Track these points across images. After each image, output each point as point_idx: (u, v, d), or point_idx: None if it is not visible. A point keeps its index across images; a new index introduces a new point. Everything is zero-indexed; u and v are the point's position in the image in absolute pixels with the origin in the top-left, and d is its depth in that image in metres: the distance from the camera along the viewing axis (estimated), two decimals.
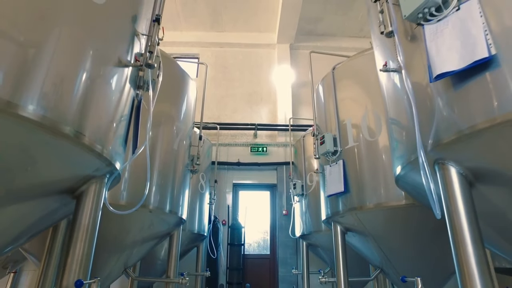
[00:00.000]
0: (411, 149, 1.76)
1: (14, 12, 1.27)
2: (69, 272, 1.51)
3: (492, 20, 1.34)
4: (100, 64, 1.67)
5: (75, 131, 1.48)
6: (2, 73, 1.21)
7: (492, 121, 1.29)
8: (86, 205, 1.65)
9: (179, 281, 3.42)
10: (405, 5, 1.64)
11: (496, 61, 1.30)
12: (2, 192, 1.45)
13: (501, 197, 1.47)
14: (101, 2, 1.65)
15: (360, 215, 3.17)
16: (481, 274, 1.29)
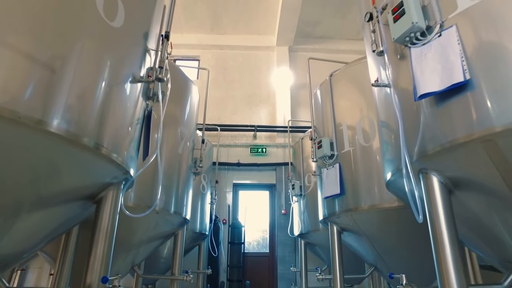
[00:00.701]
0: (400, 157, 1.94)
1: (37, 45, 1.44)
2: (92, 270, 1.69)
3: (468, 48, 1.52)
4: (116, 81, 1.83)
5: (94, 143, 1.65)
6: (31, 94, 1.37)
7: (469, 137, 1.46)
8: (105, 209, 1.83)
9: (183, 278, 3.60)
10: (394, 29, 1.81)
11: (470, 84, 1.47)
12: (32, 199, 1.62)
13: (476, 204, 1.66)
14: (118, 26, 1.82)
15: (355, 216, 3.35)
16: (456, 269, 1.47)
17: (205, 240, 6.01)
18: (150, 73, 2.16)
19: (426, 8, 1.76)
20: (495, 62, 1.41)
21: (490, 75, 1.41)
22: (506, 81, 1.35)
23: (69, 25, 1.55)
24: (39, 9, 1.44)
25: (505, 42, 1.41)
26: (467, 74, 1.47)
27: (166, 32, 2.30)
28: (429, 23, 1.71)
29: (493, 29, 1.46)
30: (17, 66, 1.32)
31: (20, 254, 1.77)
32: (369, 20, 2.14)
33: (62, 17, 1.52)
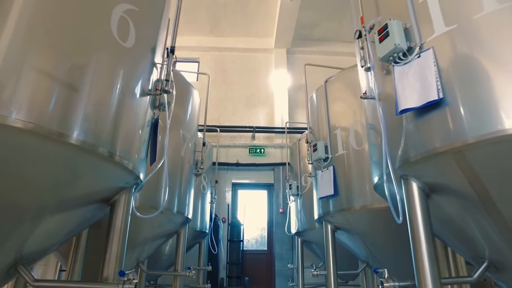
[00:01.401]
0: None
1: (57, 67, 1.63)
2: (108, 265, 1.89)
3: (442, 69, 1.72)
4: (127, 95, 2.02)
5: (108, 151, 1.83)
6: (53, 110, 1.55)
7: (441, 148, 1.67)
8: (119, 211, 2.02)
9: (186, 274, 3.81)
10: (379, 48, 2.01)
11: (443, 102, 1.67)
12: (54, 203, 1.81)
13: (451, 206, 1.86)
14: (129, 46, 2.01)
15: (348, 216, 3.57)
16: (430, 263, 1.69)
17: (205, 238, 6.22)
18: (158, 86, 2.35)
19: (408, 30, 1.96)
20: (464, 83, 1.62)
21: (459, 95, 1.62)
22: (472, 102, 1.56)
23: (86, 48, 1.74)
24: (60, 35, 1.62)
25: (474, 66, 1.61)
26: (441, 93, 1.67)
27: (171, 47, 2.49)
28: (410, 45, 1.91)
29: (463, 53, 1.67)
30: (40, 85, 1.50)
31: (44, 251, 1.97)
32: (358, 38, 2.34)
33: (79, 40, 1.71)
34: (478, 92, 1.56)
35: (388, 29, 1.96)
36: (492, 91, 1.51)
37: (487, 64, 1.57)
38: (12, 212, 1.66)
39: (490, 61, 1.57)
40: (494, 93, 1.50)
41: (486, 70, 1.56)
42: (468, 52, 1.65)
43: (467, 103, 1.58)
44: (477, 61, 1.61)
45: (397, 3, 2.08)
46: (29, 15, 1.52)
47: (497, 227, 1.72)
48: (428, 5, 1.89)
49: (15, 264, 1.77)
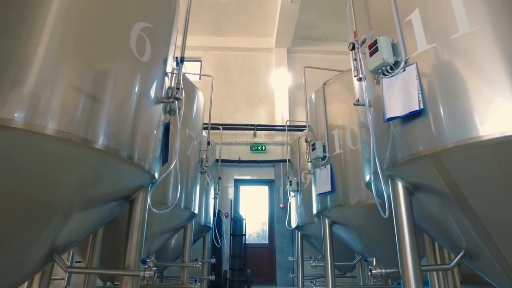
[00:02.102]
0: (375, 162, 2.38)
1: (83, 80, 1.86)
2: (129, 254, 2.15)
3: (423, 82, 1.96)
4: (143, 104, 2.25)
5: (128, 154, 2.08)
6: (80, 119, 1.79)
7: (422, 153, 1.91)
8: (138, 207, 2.27)
9: (193, 265, 4.08)
10: (370, 62, 2.24)
11: (423, 112, 1.91)
12: (81, 201, 2.06)
13: (431, 203, 2.11)
14: (145, 60, 2.24)
15: (344, 211, 3.82)
16: (412, 252, 1.94)
17: (209, 232, 6.49)
18: (169, 92, 2.59)
19: (395, 45, 2.19)
20: (441, 96, 1.85)
21: (436, 107, 1.85)
22: (446, 113, 1.80)
23: (109, 64, 1.97)
24: (85, 53, 1.86)
25: (450, 80, 1.84)
26: (421, 104, 1.90)
27: (181, 57, 2.73)
28: (397, 59, 2.14)
29: (441, 69, 1.90)
30: (69, 97, 1.74)
31: (73, 243, 2.22)
32: (352, 49, 2.57)
33: (103, 57, 1.95)
34: (452, 104, 1.80)
35: (377, 45, 2.19)
36: (463, 104, 1.74)
37: (461, 79, 1.80)
38: (46, 210, 1.91)
39: (464, 76, 1.80)
40: (464, 106, 1.74)
41: (460, 85, 1.80)
42: (446, 68, 1.89)
43: (442, 114, 1.82)
44: (453, 76, 1.85)
45: (386, 20, 2.31)
46: (58, 37, 1.76)
47: (470, 222, 1.97)
48: (413, 24, 2.12)
49: (51, 253, 2.02)
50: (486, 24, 1.81)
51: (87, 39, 1.89)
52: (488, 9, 1.84)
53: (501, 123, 1.63)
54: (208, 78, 8.51)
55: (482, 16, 1.84)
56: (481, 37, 1.80)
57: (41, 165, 1.74)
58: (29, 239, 1.91)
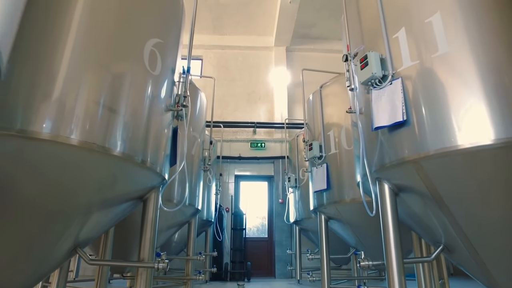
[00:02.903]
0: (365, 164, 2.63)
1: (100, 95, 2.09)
2: (144, 248, 2.40)
3: (407, 95, 2.19)
4: (154, 113, 2.48)
5: (141, 159, 2.31)
6: (99, 128, 2.01)
7: (405, 159, 2.15)
8: (150, 206, 2.52)
9: (197, 258, 4.34)
10: (360, 74, 2.47)
11: (407, 122, 2.15)
12: (100, 201, 2.29)
13: (414, 203, 2.35)
14: (156, 73, 2.47)
15: (339, 207, 4.08)
16: (395, 246, 2.19)
17: (211, 227, 6.76)
18: (177, 100, 2.81)
19: (384, 60, 2.41)
20: (421, 110, 2.09)
21: (417, 118, 2.09)
22: (425, 124, 2.03)
23: (126, 79, 2.20)
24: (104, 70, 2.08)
25: (429, 96, 2.08)
26: (404, 116, 2.14)
27: (188, 68, 2.95)
28: (385, 73, 2.37)
29: (423, 84, 2.13)
30: (89, 109, 1.97)
31: (93, 238, 2.47)
32: (345, 61, 2.79)
33: (119, 72, 2.17)
34: (430, 117, 2.04)
35: (367, 59, 2.41)
36: (440, 117, 1.98)
37: (439, 94, 2.04)
38: (69, 210, 2.14)
39: (441, 91, 2.04)
40: (441, 118, 1.98)
41: (438, 100, 2.03)
42: (427, 83, 2.12)
43: (422, 125, 2.06)
44: (433, 91, 2.08)
45: (376, 36, 2.53)
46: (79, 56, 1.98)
47: (448, 220, 2.22)
48: (399, 41, 2.35)
49: (74, 247, 2.27)
50: (463, 44, 2.04)
51: (105, 56, 2.11)
52: (465, 31, 2.06)
53: (472, 134, 1.87)
54: (208, 74, 8.72)
55: (460, 37, 2.06)
56: (457, 57, 2.03)
57: (65, 171, 1.97)
58: (56, 235, 2.15)
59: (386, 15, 2.48)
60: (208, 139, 5.26)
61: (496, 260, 2.17)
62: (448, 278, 4.32)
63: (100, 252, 3.39)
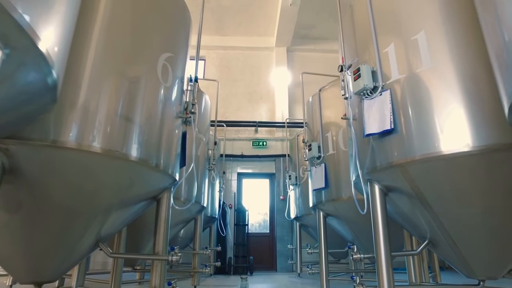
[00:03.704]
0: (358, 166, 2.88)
1: (118, 108, 2.34)
2: (158, 243, 2.66)
3: (395, 106, 2.43)
4: (166, 120, 2.73)
5: (155, 163, 2.57)
6: (118, 137, 2.26)
7: (393, 163, 2.40)
8: (163, 205, 2.78)
9: (204, 252, 4.62)
10: (353, 85, 2.71)
11: (394, 130, 2.40)
12: (118, 202, 2.55)
13: (402, 202, 2.61)
14: (168, 85, 2.71)
15: (336, 205, 4.33)
16: (384, 241, 2.45)
17: (215, 223, 7.04)
18: (186, 106, 3.06)
19: (375, 72, 2.65)
20: (407, 119, 2.34)
21: (403, 126, 2.34)
22: (411, 132, 2.28)
23: (141, 91, 2.44)
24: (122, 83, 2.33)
25: (415, 106, 2.32)
26: (392, 125, 2.39)
27: (195, 77, 3.19)
28: (376, 84, 2.61)
29: (409, 96, 2.37)
30: (109, 119, 2.21)
31: (113, 234, 2.74)
32: (340, 71, 3.04)
33: (136, 85, 2.41)
34: (415, 125, 2.28)
35: (360, 72, 2.65)
36: (423, 126, 2.23)
37: (422, 106, 2.28)
38: (92, 209, 2.40)
39: (423, 103, 2.28)
40: (424, 127, 2.22)
41: (421, 111, 2.28)
42: (411, 95, 2.36)
43: (408, 133, 2.31)
44: (417, 102, 2.33)
45: (369, 49, 2.77)
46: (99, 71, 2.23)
47: (431, 217, 2.47)
48: (389, 55, 2.59)
49: (97, 241, 2.54)
50: (444, 61, 2.28)
51: (123, 72, 2.36)
52: (446, 48, 2.30)
53: (451, 142, 2.12)
54: (210, 75, 8.96)
55: (441, 54, 2.30)
56: (439, 72, 2.27)
57: (88, 175, 2.22)
58: (81, 231, 2.42)
59: (378, 31, 2.71)
60: (212, 138, 5.52)
61: (473, 253, 2.43)
62: (440, 271, 4.60)
63: (114, 246, 3.67)
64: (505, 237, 2.31)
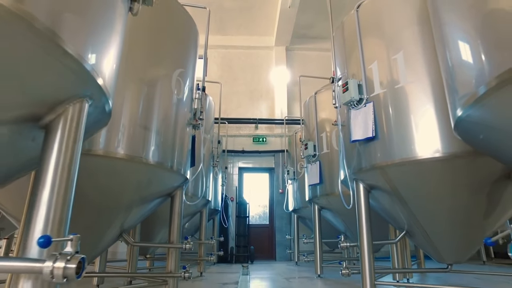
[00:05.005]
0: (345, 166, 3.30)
1: (135, 119, 2.74)
2: (173, 234, 3.09)
3: (377, 116, 2.83)
4: (179, 127, 3.13)
5: (170, 165, 2.97)
6: (138, 144, 2.66)
7: (375, 165, 2.81)
8: (177, 201, 3.20)
9: (209, 242, 5.06)
10: (342, 97, 3.10)
11: (376, 137, 2.80)
12: (138, 199, 2.96)
13: (383, 199, 3.02)
14: (180, 97, 3.10)
15: (330, 199, 4.76)
16: (367, 231, 2.87)
17: (217, 215, 7.48)
18: (195, 113, 3.45)
19: (360, 86, 3.04)
20: (387, 127, 2.74)
21: (383, 134, 2.74)
22: (390, 139, 2.68)
23: (157, 105, 2.84)
24: (141, 97, 2.72)
25: (393, 117, 2.72)
26: (373, 133, 2.79)
27: (203, 87, 3.58)
28: (361, 96, 3.01)
29: (389, 108, 2.77)
30: (131, 130, 2.61)
31: (133, 226, 3.16)
32: (332, 82, 3.42)
33: (153, 99, 2.80)
34: (393, 133, 2.69)
35: (348, 85, 3.04)
36: (399, 134, 2.63)
37: (399, 117, 2.68)
38: (116, 206, 2.81)
39: (401, 115, 2.68)
40: (400, 136, 2.63)
41: (398, 122, 2.68)
42: (391, 108, 2.76)
43: (387, 139, 2.71)
44: (395, 114, 2.72)
45: (356, 66, 3.16)
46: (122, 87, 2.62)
47: (407, 212, 2.89)
48: (373, 72, 2.98)
49: (120, 233, 2.96)
50: (419, 79, 2.67)
51: (142, 89, 2.74)
52: (423, 68, 2.69)
53: (422, 149, 2.52)
54: (212, 74, 9.31)
55: (417, 73, 2.69)
56: (414, 89, 2.66)
57: (113, 177, 2.63)
58: (107, 224, 2.84)
59: (364, 49, 3.10)
60: (216, 136, 5.92)
61: (441, 241, 2.86)
62: (424, 259, 5.05)
63: (130, 237, 4.09)
64: (467, 228, 2.74)
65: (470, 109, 1.70)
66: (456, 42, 1.80)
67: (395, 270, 3.58)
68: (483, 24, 1.57)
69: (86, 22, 1.17)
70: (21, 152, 1.26)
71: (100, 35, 1.31)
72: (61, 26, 0.99)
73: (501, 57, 1.46)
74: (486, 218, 2.69)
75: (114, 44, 1.54)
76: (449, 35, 1.87)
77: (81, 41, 1.11)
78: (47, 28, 0.92)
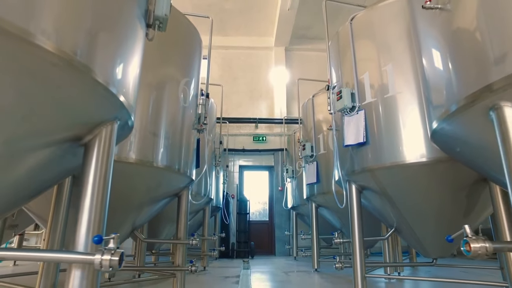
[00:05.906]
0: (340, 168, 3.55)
1: (145, 125, 3.00)
2: (180, 230, 3.35)
3: (368, 123, 3.08)
4: (185, 132, 3.38)
5: (177, 168, 3.23)
6: (147, 149, 2.92)
7: (366, 168, 3.06)
8: (183, 200, 3.46)
9: (211, 238, 5.33)
10: (336, 104, 3.35)
11: (367, 142, 3.05)
12: (148, 200, 3.21)
13: (374, 199, 3.28)
14: (187, 105, 3.35)
15: (326, 197, 5.02)
16: (358, 228, 3.13)
17: (219, 212, 7.76)
18: (199, 118, 3.70)
19: (353, 94, 3.29)
20: (377, 133, 2.99)
21: (373, 140, 2.99)
22: (379, 144, 2.94)
23: (165, 113, 3.08)
24: (151, 108, 2.97)
25: (382, 124, 2.97)
26: (364, 138, 3.04)
27: (207, 93, 3.82)
28: (354, 104, 3.25)
29: (379, 116, 3.02)
30: (143, 136, 2.86)
31: (143, 224, 3.42)
32: (327, 90, 3.67)
33: (162, 109, 3.05)
34: (383, 139, 2.94)
35: (341, 94, 3.29)
36: (388, 140, 2.88)
37: (387, 124, 2.93)
38: (129, 205, 3.06)
39: (390, 122, 2.93)
40: (388, 141, 2.88)
41: (388, 128, 2.93)
42: (381, 116, 3.01)
43: (377, 145, 2.96)
44: (385, 121, 2.97)
45: (350, 76, 3.40)
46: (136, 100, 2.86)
47: (396, 210, 3.15)
48: (364, 81, 3.22)
49: (132, 230, 3.22)
50: (407, 89, 2.92)
51: (150, 98, 2.99)
52: (410, 79, 2.93)
53: (410, 154, 2.77)
54: (213, 74, 9.53)
55: (405, 84, 2.94)
56: (402, 99, 2.91)
57: (126, 180, 2.88)
58: (120, 222, 3.10)
59: (357, 60, 3.34)
60: (218, 136, 6.17)
61: (427, 237, 3.12)
62: (416, 255, 5.33)
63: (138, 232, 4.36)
64: (450, 225, 3.00)
65: (443, 123, 1.95)
66: (430, 55, 2.04)
67: (385, 264, 3.86)
68: (452, 40, 1.77)
69: (114, 50, 1.40)
70: (62, 165, 1.51)
71: (124, 61, 1.55)
72: (94, 61, 1.21)
73: (469, 77, 1.66)
74: (466, 216, 2.96)
75: (135, 67, 1.78)
76: (425, 48, 2.12)
77: (109, 70, 1.34)
78: (83, 65, 1.15)
